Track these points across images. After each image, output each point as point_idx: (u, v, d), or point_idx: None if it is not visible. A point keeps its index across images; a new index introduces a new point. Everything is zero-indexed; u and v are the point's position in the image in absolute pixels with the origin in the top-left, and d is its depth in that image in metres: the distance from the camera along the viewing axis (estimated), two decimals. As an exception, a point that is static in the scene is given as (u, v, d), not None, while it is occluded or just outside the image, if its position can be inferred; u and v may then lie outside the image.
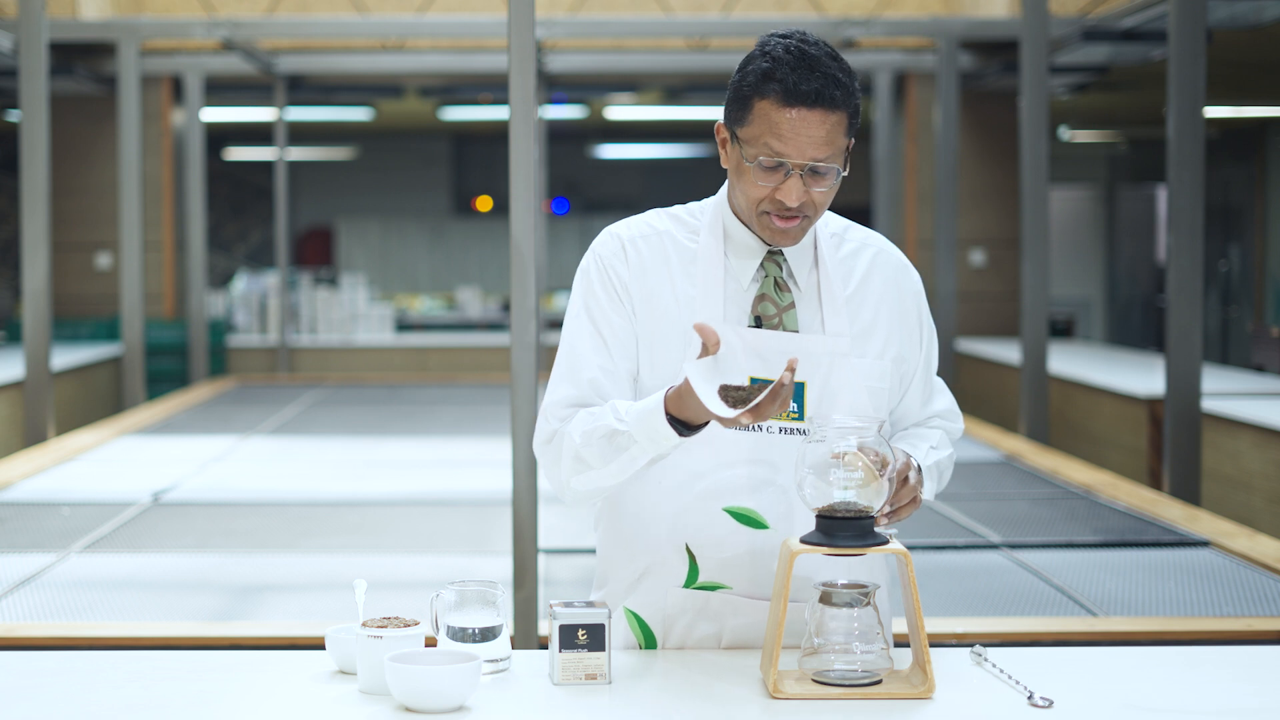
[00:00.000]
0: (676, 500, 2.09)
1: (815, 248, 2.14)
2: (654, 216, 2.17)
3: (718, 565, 2.08)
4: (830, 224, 2.19)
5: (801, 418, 2.07)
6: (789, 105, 1.99)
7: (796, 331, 2.09)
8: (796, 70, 1.98)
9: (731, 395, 1.90)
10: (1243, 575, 3.88)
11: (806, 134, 1.99)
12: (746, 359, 2.06)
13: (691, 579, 2.08)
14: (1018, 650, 2.14)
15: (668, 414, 1.94)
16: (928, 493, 2.13)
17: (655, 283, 2.11)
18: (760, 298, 2.10)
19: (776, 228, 2.05)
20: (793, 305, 2.10)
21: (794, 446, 2.04)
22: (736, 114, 2.04)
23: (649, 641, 2.13)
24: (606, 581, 2.19)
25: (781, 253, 2.11)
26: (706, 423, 1.94)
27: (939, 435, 2.22)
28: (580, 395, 2.08)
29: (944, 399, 2.26)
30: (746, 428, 2.04)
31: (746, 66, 2.04)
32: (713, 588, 2.08)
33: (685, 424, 1.94)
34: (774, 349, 2.07)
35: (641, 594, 2.13)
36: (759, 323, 2.09)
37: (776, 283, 2.10)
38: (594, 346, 2.10)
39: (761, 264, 2.11)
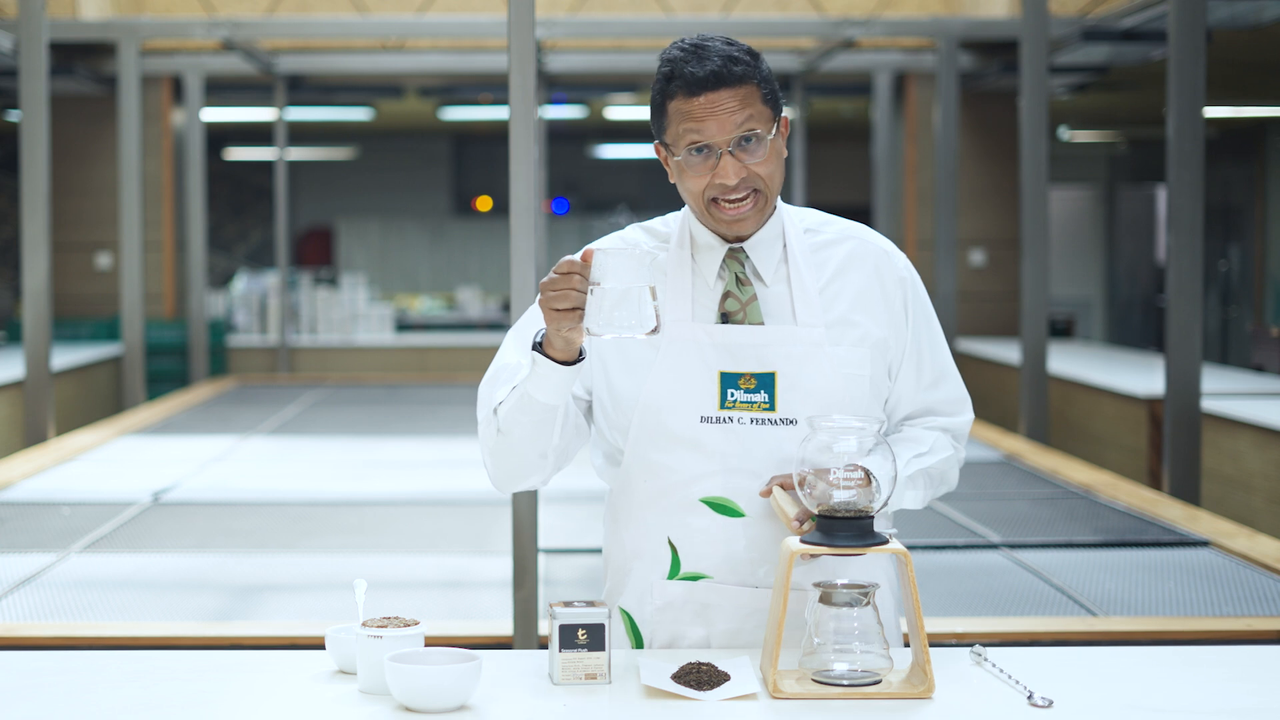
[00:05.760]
0: (658, 496, 2.15)
1: (784, 243, 2.18)
2: (628, 231, 2.26)
3: (698, 555, 2.13)
4: (806, 219, 2.22)
5: (772, 408, 2.11)
6: (695, 94, 2.06)
7: (762, 324, 2.13)
8: (691, 62, 2.07)
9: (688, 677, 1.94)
10: (1242, 575, 3.89)
11: (720, 112, 2.06)
12: (715, 354, 2.12)
13: (675, 570, 2.13)
14: (1018, 650, 2.14)
15: (541, 349, 2.02)
16: (911, 501, 2.18)
17: None
18: (725, 295, 2.15)
19: (728, 216, 2.11)
20: (755, 298, 2.14)
21: (767, 436, 2.10)
22: (658, 125, 2.13)
23: (638, 642, 2.18)
24: (605, 580, 2.27)
25: (744, 250, 2.16)
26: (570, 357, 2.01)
27: (934, 438, 2.21)
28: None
29: (949, 386, 2.24)
30: (721, 422, 2.10)
31: (654, 84, 2.12)
32: (695, 578, 2.12)
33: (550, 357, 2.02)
34: (740, 343, 2.13)
35: (631, 589, 2.19)
36: (725, 319, 2.14)
37: (738, 278, 2.15)
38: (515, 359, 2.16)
39: (724, 262, 2.16)
